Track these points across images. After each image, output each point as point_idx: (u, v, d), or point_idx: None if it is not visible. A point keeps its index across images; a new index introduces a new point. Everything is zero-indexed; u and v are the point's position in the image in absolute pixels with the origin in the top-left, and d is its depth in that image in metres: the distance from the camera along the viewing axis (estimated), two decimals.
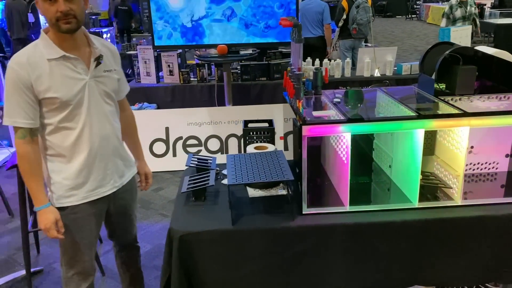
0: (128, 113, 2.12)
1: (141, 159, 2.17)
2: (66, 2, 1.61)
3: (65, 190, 1.80)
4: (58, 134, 1.75)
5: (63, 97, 1.68)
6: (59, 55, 1.67)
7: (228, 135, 4.41)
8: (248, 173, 1.92)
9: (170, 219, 3.43)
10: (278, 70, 4.75)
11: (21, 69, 1.62)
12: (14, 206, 3.73)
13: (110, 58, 1.88)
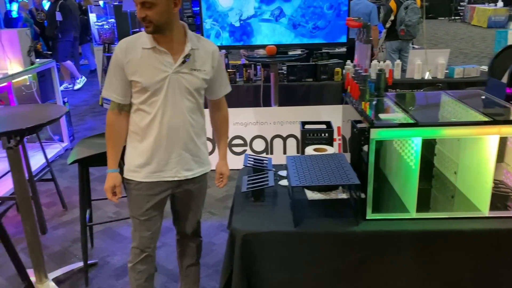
0: (221, 113, 2.17)
1: (221, 159, 2.20)
2: (143, 9, 1.77)
3: (133, 165, 1.99)
4: (137, 114, 1.95)
5: (143, 83, 1.87)
6: (151, 46, 1.86)
7: (274, 136, 4.40)
8: (311, 175, 1.90)
9: (218, 217, 3.49)
10: (325, 71, 4.70)
11: (119, 52, 1.88)
12: (67, 200, 3.86)
13: (204, 59, 1.94)
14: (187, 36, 1.92)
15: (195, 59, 1.92)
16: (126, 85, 1.91)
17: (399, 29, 5.72)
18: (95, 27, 6.95)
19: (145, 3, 1.76)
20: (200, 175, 2.09)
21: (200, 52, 1.94)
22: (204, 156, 2.10)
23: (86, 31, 9.29)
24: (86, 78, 8.67)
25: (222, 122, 2.20)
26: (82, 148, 2.75)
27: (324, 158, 2.07)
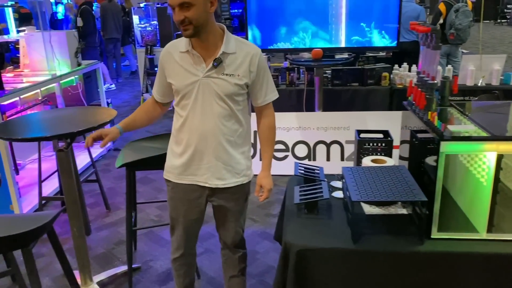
0: (264, 121, 2.05)
1: (262, 169, 2.06)
2: (181, 11, 1.73)
3: (168, 165, 2.04)
4: (175, 115, 1.98)
5: (175, 85, 1.90)
6: (185, 49, 1.86)
7: (317, 142, 4.29)
8: (372, 189, 1.78)
9: (260, 224, 3.41)
10: (372, 76, 4.54)
11: (162, 55, 1.95)
12: (110, 201, 3.87)
13: (239, 63, 1.86)
14: (224, 39, 1.85)
15: (228, 63, 1.85)
16: (164, 86, 1.98)
17: (448, 33, 5.48)
18: (138, 29, 7.02)
19: (184, 4, 1.71)
20: (235, 186, 2.00)
21: (236, 56, 1.86)
22: (240, 167, 1.99)
23: (129, 33, 9.45)
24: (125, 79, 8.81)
25: (266, 131, 2.06)
26: (129, 152, 2.74)
27: (385, 171, 1.95)
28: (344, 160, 4.23)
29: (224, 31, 1.87)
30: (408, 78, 4.49)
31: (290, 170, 4.42)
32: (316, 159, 4.28)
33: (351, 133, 4.23)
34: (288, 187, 2.36)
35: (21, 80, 3.97)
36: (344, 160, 4.23)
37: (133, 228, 2.77)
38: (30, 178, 4.23)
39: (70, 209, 2.54)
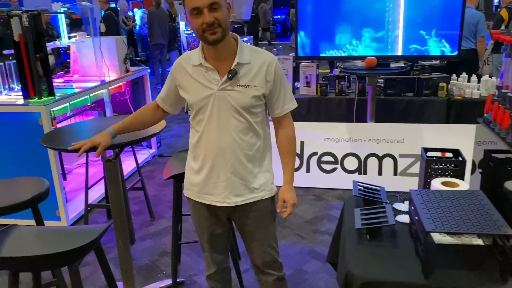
0: (283, 131, 1.94)
1: (284, 183, 1.93)
2: (211, 13, 1.64)
3: (187, 183, 1.97)
4: (192, 130, 1.91)
5: (189, 100, 1.83)
6: (198, 62, 1.77)
7: (368, 155, 4.07)
8: (447, 218, 1.59)
9: (308, 241, 3.24)
10: (428, 86, 4.28)
11: (174, 66, 1.88)
12: (154, 209, 3.82)
13: (255, 73, 1.77)
14: (238, 49, 1.77)
15: (244, 74, 1.76)
16: (173, 98, 1.94)
17: None
18: (184, 35, 7.03)
19: (213, 4, 1.63)
20: (254, 201, 1.88)
21: (251, 66, 1.77)
22: (259, 181, 1.89)
23: (175, 39, 9.53)
24: None
25: (286, 142, 1.94)
26: (177, 162, 2.66)
27: (459, 196, 1.75)
28: (397, 175, 3.99)
29: (238, 41, 1.79)
30: (468, 89, 4.19)
31: (339, 183, 4.26)
32: (367, 172, 4.06)
33: (405, 147, 4.00)
34: (345, 208, 2.19)
35: (71, 85, 4.00)
36: (398, 175, 3.99)
37: (178, 242, 2.68)
38: (76, 183, 4.25)
39: (117, 221, 2.48)
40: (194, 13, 1.65)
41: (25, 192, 2.30)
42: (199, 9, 1.64)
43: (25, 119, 3.25)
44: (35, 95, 3.29)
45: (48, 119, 3.24)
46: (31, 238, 1.81)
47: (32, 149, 3.31)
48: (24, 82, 3.25)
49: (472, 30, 5.18)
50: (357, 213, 1.95)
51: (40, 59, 3.27)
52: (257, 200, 1.90)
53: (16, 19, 3.12)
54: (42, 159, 3.30)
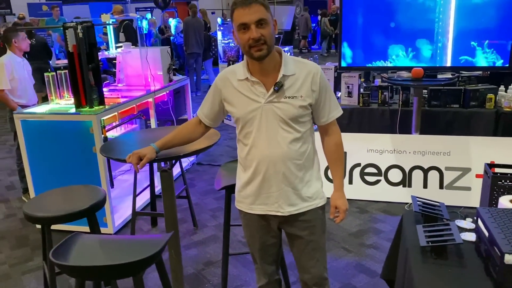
0: (330, 139, 1.96)
1: (335, 190, 1.98)
2: (258, 29, 1.68)
3: (239, 195, 1.98)
4: (239, 145, 1.93)
5: (236, 114, 1.85)
6: (244, 77, 1.81)
7: (413, 167, 3.99)
8: None
9: (354, 255, 3.19)
10: (475, 97, 4.17)
11: (219, 79, 1.90)
12: (197, 217, 3.84)
13: (301, 84, 1.80)
14: (282, 62, 1.80)
15: (290, 85, 1.79)
16: (215, 111, 1.95)
17: None
18: (221, 45, 7.11)
19: (261, 21, 1.67)
20: (308, 210, 1.89)
21: (296, 77, 1.80)
22: (311, 190, 1.90)
23: (210, 48, 9.64)
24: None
25: (334, 149, 1.96)
26: (226, 173, 2.67)
27: None
28: (443, 189, 3.89)
29: (281, 54, 1.82)
30: None
31: (382, 196, 4.18)
32: (412, 185, 3.98)
33: (452, 159, 3.90)
34: (404, 223, 2.14)
35: (117, 95, 4.09)
36: (444, 188, 3.89)
37: (230, 254, 2.68)
38: (120, 190, 4.33)
39: (169, 230, 2.50)
40: (241, 29, 1.69)
41: (83, 201, 2.36)
42: (246, 25, 1.67)
43: (77, 128, 3.34)
44: (86, 104, 3.38)
45: (98, 128, 3.31)
46: (96, 247, 1.84)
47: (83, 157, 3.40)
48: (77, 92, 3.34)
49: None
50: (420, 230, 1.90)
51: (92, 69, 3.36)
52: (310, 209, 1.90)
53: (71, 30, 3.22)
54: (92, 167, 3.38)
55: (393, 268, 2.23)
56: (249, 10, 1.66)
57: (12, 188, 4.85)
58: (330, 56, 14.77)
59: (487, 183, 1.99)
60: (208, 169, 5.11)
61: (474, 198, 3.80)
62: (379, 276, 2.90)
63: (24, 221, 4.00)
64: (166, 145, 2.07)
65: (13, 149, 6.11)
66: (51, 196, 2.44)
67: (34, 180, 3.58)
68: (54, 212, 2.25)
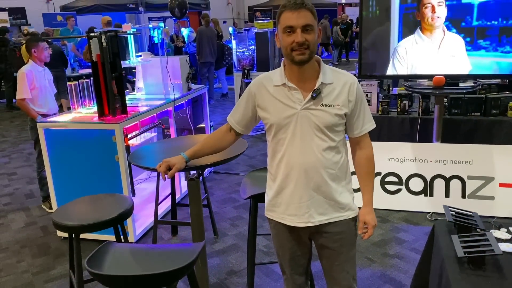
0: (362, 152, 1.93)
1: (364, 205, 1.94)
2: (303, 34, 1.69)
3: (269, 204, 1.96)
4: (270, 151, 1.92)
5: (271, 120, 1.83)
6: (281, 82, 1.81)
7: (434, 176, 3.95)
8: None
9: (378, 265, 3.15)
10: (496, 106, 4.14)
11: (253, 85, 1.90)
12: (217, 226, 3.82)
13: (337, 93, 1.80)
14: (321, 70, 1.81)
15: (327, 94, 1.79)
16: (248, 118, 1.94)
17: None
18: (236, 54, 7.14)
19: (307, 26, 1.70)
20: (339, 220, 1.86)
21: (334, 86, 1.80)
22: (343, 201, 1.87)
23: (223, 57, 9.70)
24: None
25: (365, 163, 1.93)
26: (251, 181, 2.66)
27: None
28: (465, 198, 3.84)
29: (320, 63, 1.83)
30: None
31: (403, 205, 4.13)
32: (434, 194, 3.93)
33: (474, 168, 3.85)
34: (437, 233, 2.11)
35: (136, 103, 4.11)
36: (466, 197, 3.84)
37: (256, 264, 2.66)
38: (139, 198, 4.34)
39: (196, 240, 2.49)
40: (286, 31, 1.71)
41: (111, 210, 2.36)
42: (292, 28, 1.70)
43: (100, 136, 3.36)
44: (109, 113, 3.40)
45: (121, 136, 3.33)
46: (130, 257, 1.83)
47: (105, 165, 3.41)
48: (100, 100, 3.37)
49: None
50: (456, 240, 1.87)
51: (115, 78, 3.38)
52: (342, 220, 1.88)
53: (95, 40, 3.25)
54: (114, 175, 3.39)
55: (425, 280, 2.20)
56: (298, 14, 1.68)
57: (31, 196, 4.88)
58: (341, 64, 14.77)
59: None
60: (226, 177, 5.10)
61: (498, 208, 3.75)
62: (404, 286, 2.86)
63: (44, 229, 4.01)
64: (196, 154, 2.07)
65: (30, 158, 6.22)
66: (79, 205, 2.45)
67: (56, 189, 3.60)
68: (83, 220, 2.26)
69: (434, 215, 3.81)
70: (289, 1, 1.70)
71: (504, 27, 3.63)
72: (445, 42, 3.82)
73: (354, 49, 16.37)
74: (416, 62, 3.95)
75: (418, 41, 3.90)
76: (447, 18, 3.76)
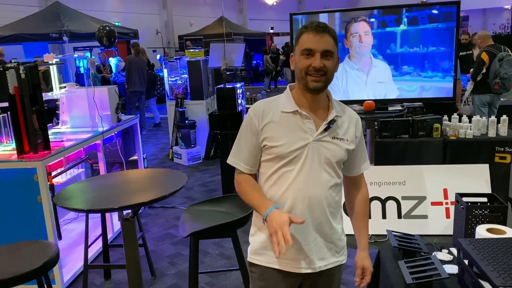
0: (361, 192, 1.82)
1: (362, 249, 1.78)
2: (322, 59, 1.58)
3: (259, 246, 1.71)
4: (266, 186, 1.69)
5: (279, 150, 1.63)
6: (292, 109, 1.64)
7: (371, 198, 4.02)
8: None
9: None
10: (423, 127, 4.35)
11: (254, 117, 1.67)
12: (154, 266, 3.58)
13: (347, 127, 1.69)
14: (331, 102, 1.69)
15: (338, 126, 1.67)
16: (256, 153, 1.69)
17: (493, 82, 5.33)
18: (168, 82, 6.99)
19: (327, 52, 1.58)
20: (335, 266, 1.73)
21: (343, 119, 1.69)
22: (341, 243, 1.75)
23: (154, 86, 9.48)
24: None
25: (363, 204, 1.81)
26: (191, 217, 2.51)
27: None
28: (402, 218, 3.95)
29: (329, 94, 1.71)
30: (462, 129, 4.28)
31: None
32: (372, 216, 3.99)
33: (407, 188, 3.98)
34: (383, 260, 2.09)
35: (61, 138, 3.81)
36: (402, 218, 3.95)
37: None
38: (67, 240, 3.99)
39: (132, 282, 2.28)
40: (305, 53, 1.58)
41: (33, 260, 2.10)
42: (311, 52, 1.57)
43: (20, 176, 3.04)
44: (30, 150, 3.10)
45: (44, 175, 3.03)
46: None
47: (27, 208, 3.08)
48: (19, 136, 3.06)
49: None
50: (403, 266, 1.86)
51: (36, 111, 3.11)
52: (337, 265, 1.74)
53: (12, 71, 2.98)
54: (37, 218, 3.06)
55: None
56: (320, 38, 1.57)
57: None
58: (272, 92, 15.07)
59: (461, 213, 2.00)
60: (162, 212, 4.86)
61: (431, 226, 3.88)
62: None
63: None
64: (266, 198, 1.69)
65: None
66: None
67: None
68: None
69: (374, 237, 3.86)
70: (312, 23, 1.60)
71: (425, 53, 3.86)
72: (373, 69, 3.97)
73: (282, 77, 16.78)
74: (347, 88, 4.06)
75: (347, 69, 4.02)
76: (373, 46, 3.92)
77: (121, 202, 2.06)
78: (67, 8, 10.64)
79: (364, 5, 22.75)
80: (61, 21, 9.90)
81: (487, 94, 5.55)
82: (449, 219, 3.83)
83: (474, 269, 1.65)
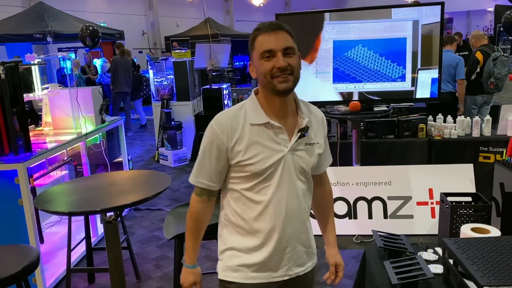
0: (326, 188, 1.79)
1: (332, 246, 1.77)
2: (284, 57, 1.47)
3: (235, 264, 1.62)
4: (240, 203, 1.58)
5: (255, 168, 1.52)
6: (263, 121, 1.52)
7: (357, 198, 4.04)
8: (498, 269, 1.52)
9: None
10: (408, 128, 4.37)
11: (222, 134, 1.52)
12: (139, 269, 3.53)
13: (316, 130, 1.61)
14: (298, 103, 1.58)
15: (309, 131, 1.58)
16: (223, 170, 1.57)
17: (487, 82, 5.36)
18: (154, 83, 6.93)
19: (288, 49, 1.47)
20: (310, 270, 1.71)
21: (311, 122, 1.58)
22: (314, 245, 1.72)
23: (140, 87, 9.40)
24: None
25: (329, 199, 1.80)
26: (175, 219, 2.48)
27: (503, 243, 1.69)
28: (387, 218, 3.96)
29: (295, 95, 1.59)
30: (446, 129, 4.32)
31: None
32: (357, 217, 4.00)
33: (393, 188, 4.00)
34: (368, 260, 2.09)
35: (43, 139, 3.74)
36: (388, 218, 3.96)
37: None
38: (49, 244, 3.91)
39: (116, 286, 2.24)
40: (265, 56, 1.47)
41: (12, 264, 2.04)
42: (272, 52, 1.46)
43: (0, 178, 2.97)
44: (10, 152, 3.03)
45: (25, 178, 2.97)
46: None
47: (7, 211, 3.01)
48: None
49: (451, 73, 5.38)
50: (389, 267, 1.85)
51: (17, 113, 3.05)
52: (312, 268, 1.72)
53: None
54: (18, 221, 2.99)
55: None
56: (276, 36, 1.46)
57: None
58: None
59: (446, 212, 2.00)
60: (147, 214, 4.81)
61: (417, 226, 3.90)
62: None
63: None
64: (198, 250, 1.71)
65: None
66: None
67: None
68: None
69: (360, 237, 3.86)
70: (264, 24, 1.50)
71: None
72: None
73: None
74: None
75: None
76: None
77: (104, 204, 2.02)
78: (51, 8, 10.49)
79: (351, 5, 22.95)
80: (45, 22, 9.76)
81: (481, 95, 5.59)
82: (435, 218, 3.85)
83: (459, 269, 1.65)
